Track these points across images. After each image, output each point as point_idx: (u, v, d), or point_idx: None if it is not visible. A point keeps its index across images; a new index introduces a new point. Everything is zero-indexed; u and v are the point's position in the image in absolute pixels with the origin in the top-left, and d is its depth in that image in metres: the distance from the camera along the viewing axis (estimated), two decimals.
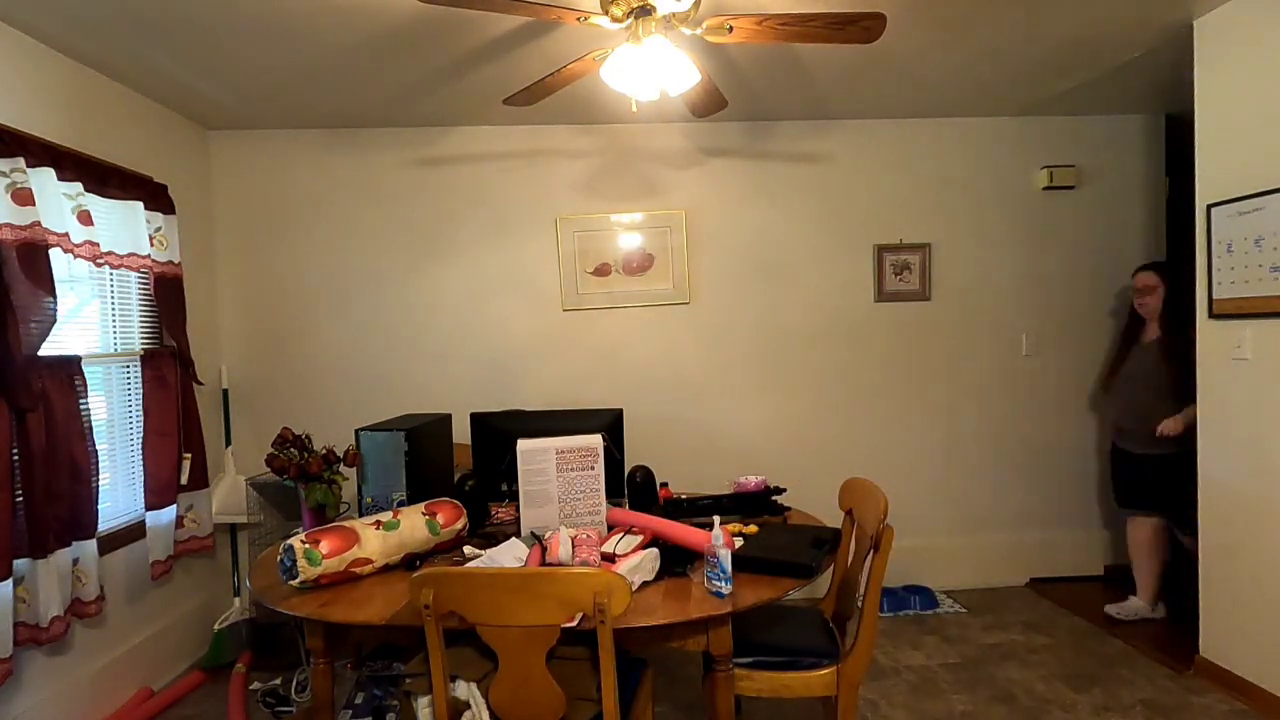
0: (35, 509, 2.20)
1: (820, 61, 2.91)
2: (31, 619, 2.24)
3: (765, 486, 2.42)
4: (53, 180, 2.32)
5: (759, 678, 1.89)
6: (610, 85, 2.11)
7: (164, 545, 2.86)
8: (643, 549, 1.81)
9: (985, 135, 3.73)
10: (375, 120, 3.43)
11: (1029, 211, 3.76)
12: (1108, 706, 2.57)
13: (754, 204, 3.68)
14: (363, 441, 2.25)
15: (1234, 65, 2.54)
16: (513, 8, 1.91)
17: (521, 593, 1.45)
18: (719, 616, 1.62)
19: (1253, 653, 2.56)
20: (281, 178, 3.51)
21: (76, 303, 2.61)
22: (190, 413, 3.00)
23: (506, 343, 3.61)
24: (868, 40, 2.03)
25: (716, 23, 2.02)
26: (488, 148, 3.58)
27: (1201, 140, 2.68)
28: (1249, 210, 2.49)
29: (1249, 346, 2.52)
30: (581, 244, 3.60)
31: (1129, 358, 3.28)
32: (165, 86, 2.89)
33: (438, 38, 2.54)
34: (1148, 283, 3.18)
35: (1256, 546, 2.53)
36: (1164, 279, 3.14)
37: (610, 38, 2.48)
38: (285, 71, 2.79)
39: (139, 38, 2.45)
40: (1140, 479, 3.21)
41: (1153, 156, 3.80)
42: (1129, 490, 3.29)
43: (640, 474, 2.32)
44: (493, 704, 1.53)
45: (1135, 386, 3.22)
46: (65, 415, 2.32)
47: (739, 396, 3.70)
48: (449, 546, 2.05)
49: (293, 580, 1.76)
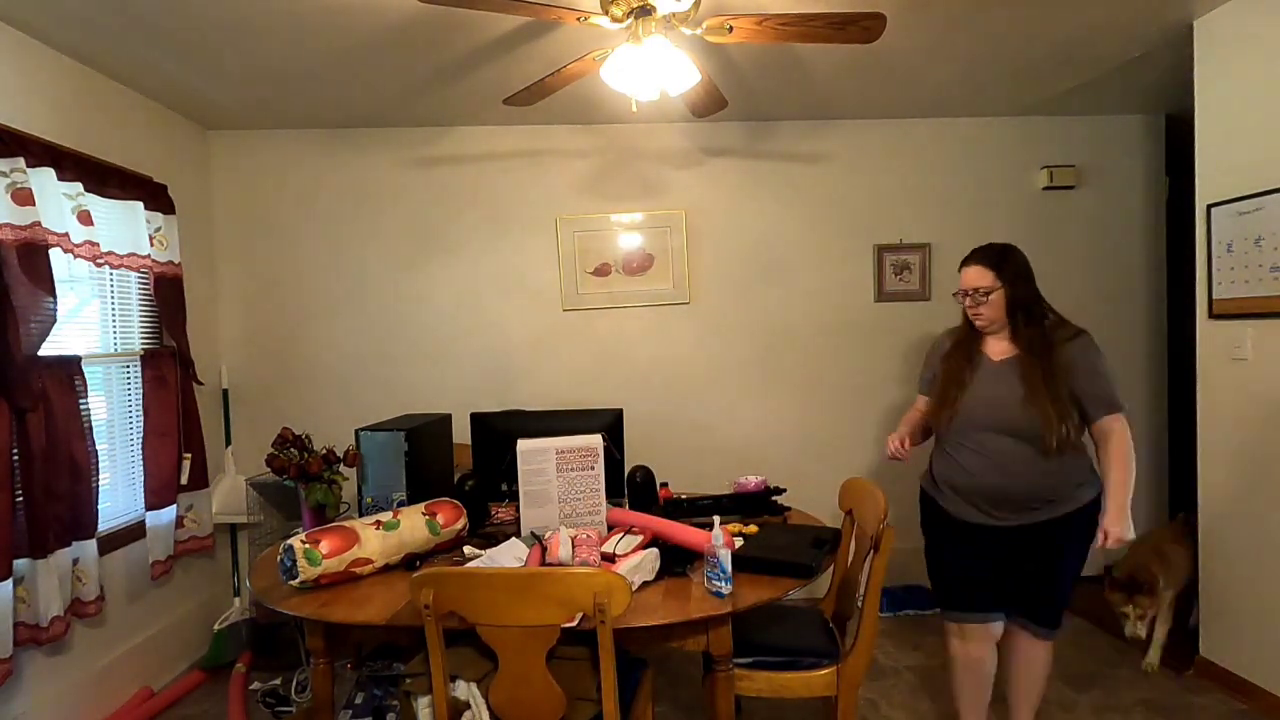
0: (35, 509, 2.20)
1: (820, 61, 2.91)
2: (31, 619, 2.24)
3: (765, 486, 2.42)
4: (53, 180, 2.32)
5: (759, 678, 1.89)
6: (610, 85, 2.11)
7: (164, 545, 2.86)
8: (643, 549, 1.81)
9: (985, 135, 3.73)
10: (375, 120, 3.43)
11: (1029, 211, 3.75)
12: (1108, 706, 2.57)
13: (754, 204, 3.68)
14: (363, 441, 2.25)
15: (1234, 65, 2.54)
16: (513, 8, 1.90)
17: (521, 593, 1.45)
18: (719, 616, 1.62)
19: (1253, 653, 2.56)
20: (282, 178, 3.50)
21: (76, 303, 2.60)
22: (190, 413, 3.00)
23: (506, 343, 3.61)
24: (868, 40, 2.03)
25: (716, 23, 2.02)
26: (488, 148, 3.58)
27: (1201, 140, 2.68)
28: (1249, 210, 2.49)
29: (1249, 346, 2.52)
30: (581, 244, 3.60)
31: (968, 386, 2.03)
32: (165, 86, 2.89)
33: (438, 38, 2.54)
34: (980, 283, 2.01)
35: (1256, 547, 2.53)
36: (1002, 278, 2.00)
37: (610, 38, 2.48)
38: (285, 71, 2.79)
39: (139, 37, 2.45)
40: (1025, 567, 2.04)
41: (1153, 156, 3.80)
42: (998, 586, 2.07)
43: (640, 474, 2.32)
44: (493, 704, 1.53)
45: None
46: (65, 415, 2.32)
47: (739, 396, 3.70)
48: (449, 546, 2.05)
49: (293, 580, 1.76)
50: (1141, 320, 3.82)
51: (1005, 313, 2.01)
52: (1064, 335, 1.98)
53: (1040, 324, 2.01)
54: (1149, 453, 3.83)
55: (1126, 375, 3.81)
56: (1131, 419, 1.97)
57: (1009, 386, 1.96)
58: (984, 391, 2.00)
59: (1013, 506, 1.98)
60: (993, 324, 2.03)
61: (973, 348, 2.08)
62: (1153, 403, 3.84)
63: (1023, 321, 2.00)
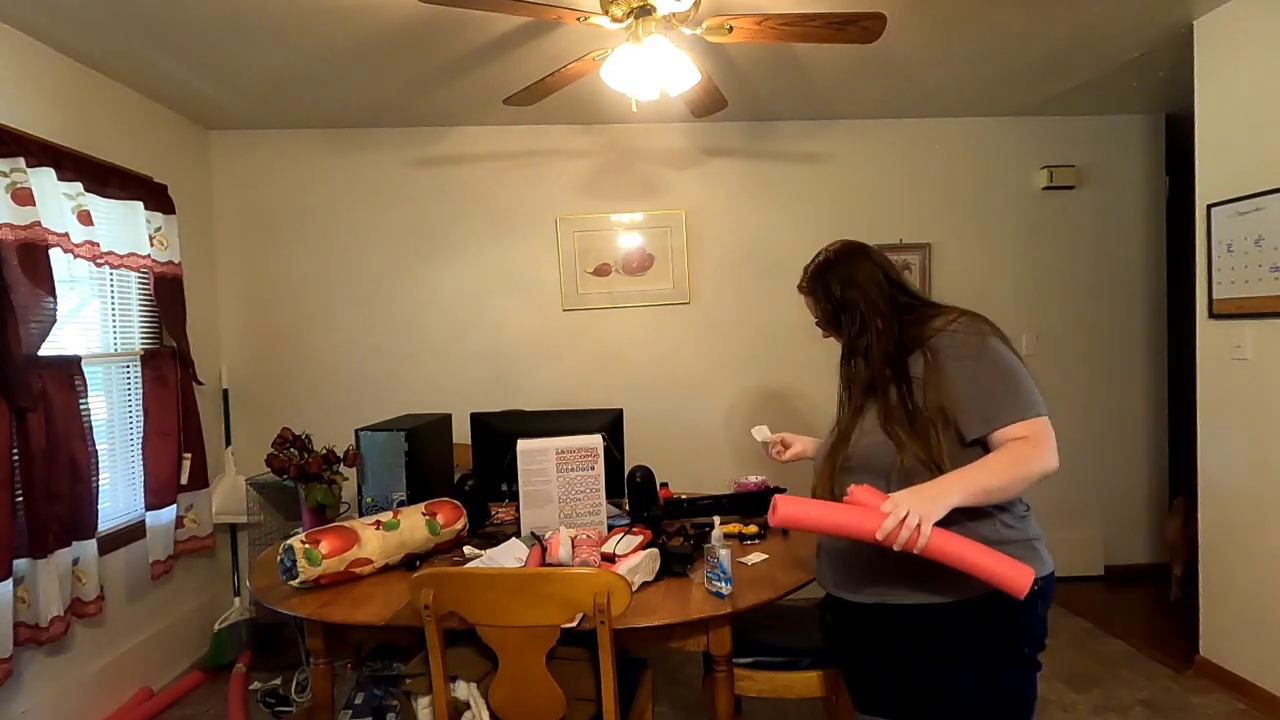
0: (35, 509, 2.20)
1: (820, 61, 2.91)
2: (31, 619, 2.24)
3: (765, 486, 2.42)
4: (53, 180, 2.32)
5: (759, 678, 1.89)
6: (610, 85, 2.11)
7: (164, 545, 2.86)
8: (643, 549, 1.81)
9: (985, 135, 3.73)
10: (375, 120, 3.42)
11: (1029, 211, 3.75)
12: (1108, 706, 2.57)
13: (754, 204, 3.68)
14: (363, 441, 2.25)
15: (1234, 65, 2.54)
16: (513, 8, 1.90)
17: (521, 593, 1.45)
18: (719, 616, 1.62)
19: (1253, 653, 2.56)
20: (281, 178, 3.50)
21: (76, 303, 2.60)
22: (190, 413, 3.00)
23: (506, 343, 3.61)
24: (868, 40, 2.03)
25: (716, 23, 2.02)
26: (488, 148, 3.58)
27: (1201, 140, 2.68)
28: (1249, 210, 2.49)
29: (1249, 346, 2.52)
30: (581, 244, 3.60)
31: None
32: (165, 86, 2.89)
33: (438, 38, 2.54)
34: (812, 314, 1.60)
35: (1256, 546, 2.53)
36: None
37: (610, 38, 2.48)
38: (285, 71, 2.79)
39: (139, 38, 2.45)
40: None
41: (1153, 156, 3.80)
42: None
43: (640, 474, 2.32)
44: (493, 704, 1.53)
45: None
46: (65, 415, 2.32)
47: (739, 396, 3.69)
48: (449, 546, 2.05)
49: (293, 580, 1.75)
50: (1141, 320, 3.82)
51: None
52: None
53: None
54: (1149, 453, 3.84)
55: (1127, 375, 3.82)
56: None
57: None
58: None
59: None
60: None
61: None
62: (1153, 402, 3.84)
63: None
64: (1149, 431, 3.83)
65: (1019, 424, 1.28)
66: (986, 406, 1.29)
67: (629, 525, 2.04)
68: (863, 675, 1.46)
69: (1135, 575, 3.75)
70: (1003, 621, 1.29)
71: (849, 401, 1.46)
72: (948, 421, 1.31)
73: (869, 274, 1.48)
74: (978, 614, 1.28)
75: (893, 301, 1.45)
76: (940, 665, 1.32)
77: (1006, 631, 1.30)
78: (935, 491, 1.20)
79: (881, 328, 1.42)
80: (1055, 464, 1.27)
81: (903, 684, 1.36)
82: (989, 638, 1.30)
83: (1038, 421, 1.28)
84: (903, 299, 1.47)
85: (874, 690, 1.43)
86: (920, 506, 1.16)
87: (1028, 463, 1.25)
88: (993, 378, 1.31)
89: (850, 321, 1.46)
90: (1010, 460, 1.25)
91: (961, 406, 1.31)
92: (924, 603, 1.31)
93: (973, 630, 1.30)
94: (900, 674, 1.36)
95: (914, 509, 1.15)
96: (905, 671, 1.35)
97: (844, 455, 1.41)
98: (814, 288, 1.54)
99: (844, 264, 1.51)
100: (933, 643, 1.32)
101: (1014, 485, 1.25)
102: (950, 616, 1.30)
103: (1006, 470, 1.24)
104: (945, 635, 1.31)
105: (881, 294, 1.45)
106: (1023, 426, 1.27)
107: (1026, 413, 1.28)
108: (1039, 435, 1.27)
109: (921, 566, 1.22)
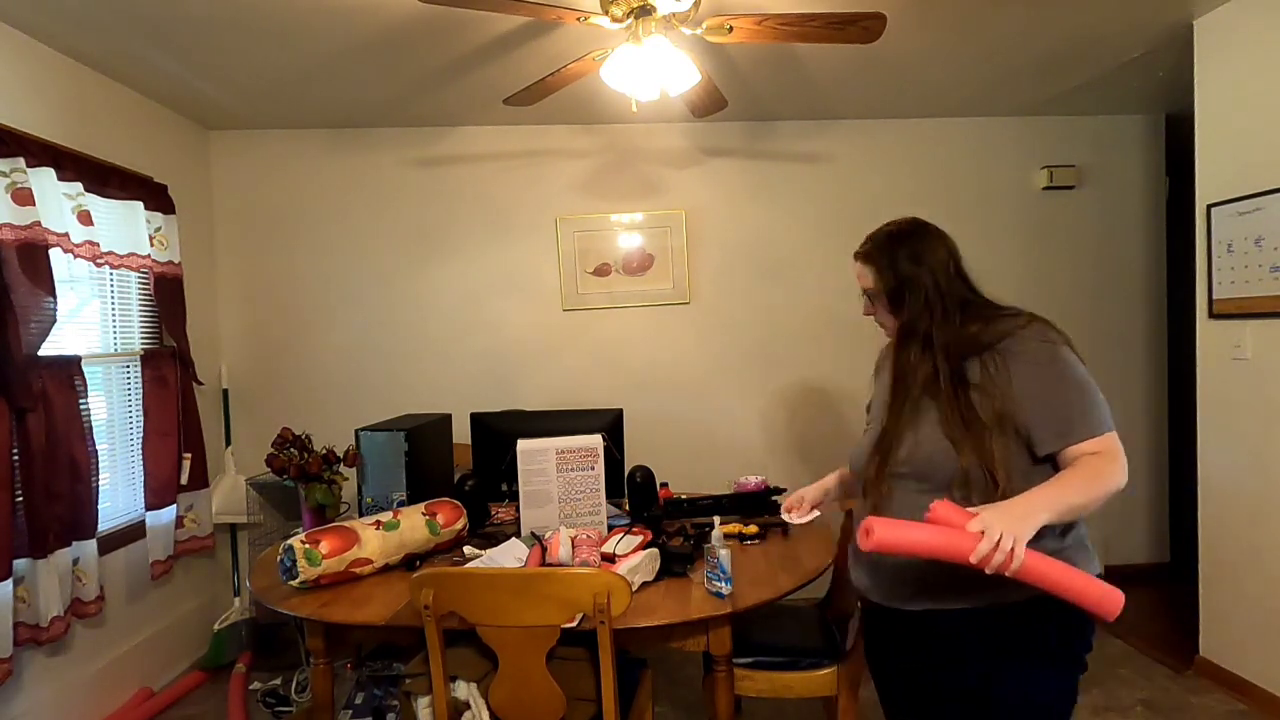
0: (35, 509, 2.20)
1: (820, 61, 2.91)
2: (31, 619, 2.24)
3: (765, 486, 2.42)
4: (53, 180, 2.32)
5: (759, 678, 1.89)
6: (610, 85, 2.11)
7: (164, 545, 2.86)
8: (643, 549, 1.81)
9: (985, 135, 3.73)
10: (375, 120, 3.42)
11: (1029, 211, 3.75)
12: (1108, 706, 2.56)
13: (754, 204, 3.68)
14: (363, 441, 2.25)
15: (1234, 65, 2.54)
16: (513, 8, 1.90)
17: (521, 593, 1.45)
18: (719, 616, 1.62)
19: (1253, 653, 2.56)
20: (281, 178, 3.50)
21: (76, 303, 2.60)
22: (190, 413, 3.00)
23: (506, 343, 3.61)
24: (868, 40, 2.03)
25: (716, 23, 2.02)
26: (488, 148, 3.58)
27: (1201, 140, 2.68)
28: (1249, 210, 2.49)
29: (1249, 346, 2.52)
30: (581, 244, 3.60)
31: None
32: (165, 86, 2.89)
33: (438, 38, 2.54)
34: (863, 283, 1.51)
35: (1256, 546, 2.53)
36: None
37: (610, 38, 2.48)
38: (285, 71, 2.79)
39: (139, 38, 2.45)
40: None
41: (1153, 156, 3.80)
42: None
43: (640, 474, 2.32)
44: (492, 704, 1.53)
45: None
46: (65, 415, 2.32)
47: (739, 396, 3.69)
48: (449, 546, 2.05)
49: (293, 580, 1.76)
50: (1141, 320, 3.82)
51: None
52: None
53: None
54: (1149, 453, 3.83)
55: (1126, 375, 3.82)
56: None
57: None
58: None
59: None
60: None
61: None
62: (1153, 403, 3.84)
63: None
64: (1149, 431, 3.83)
65: (1093, 440, 1.24)
66: (1061, 421, 1.25)
67: (629, 525, 2.05)
68: (904, 684, 1.42)
69: (1135, 575, 3.75)
70: (1057, 623, 1.26)
71: (903, 398, 1.36)
72: (1005, 429, 1.25)
73: (941, 258, 1.41)
74: (1026, 617, 1.25)
75: (958, 294, 1.38)
76: (985, 669, 1.29)
77: (1058, 634, 1.27)
78: (1023, 510, 1.14)
79: (944, 316, 1.35)
80: (1126, 479, 1.23)
81: (945, 691, 1.33)
82: (1038, 641, 1.27)
83: (1109, 436, 1.25)
84: (968, 294, 1.40)
85: (915, 699, 1.39)
86: (1011, 527, 1.09)
87: (1105, 480, 1.21)
88: (1068, 390, 1.26)
89: (914, 300, 1.38)
90: (1090, 475, 1.21)
91: (1033, 419, 1.25)
92: (971, 607, 1.28)
93: (1020, 633, 1.27)
94: (943, 680, 1.33)
95: (1006, 531, 1.08)
96: (948, 677, 1.32)
97: (897, 460, 1.32)
98: (879, 257, 1.45)
99: (918, 239, 1.44)
100: (977, 648, 1.29)
101: (1094, 502, 1.21)
102: (998, 620, 1.27)
103: (1088, 487, 1.20)
104: (991, 639, 1.28)
105: (950, 281, 1.39)
106: (1096, 442, 1.24)
107: (1100, 428, 1.24)
108: (1113, 450, 1.24)
109: (971, 574, 1.14)
